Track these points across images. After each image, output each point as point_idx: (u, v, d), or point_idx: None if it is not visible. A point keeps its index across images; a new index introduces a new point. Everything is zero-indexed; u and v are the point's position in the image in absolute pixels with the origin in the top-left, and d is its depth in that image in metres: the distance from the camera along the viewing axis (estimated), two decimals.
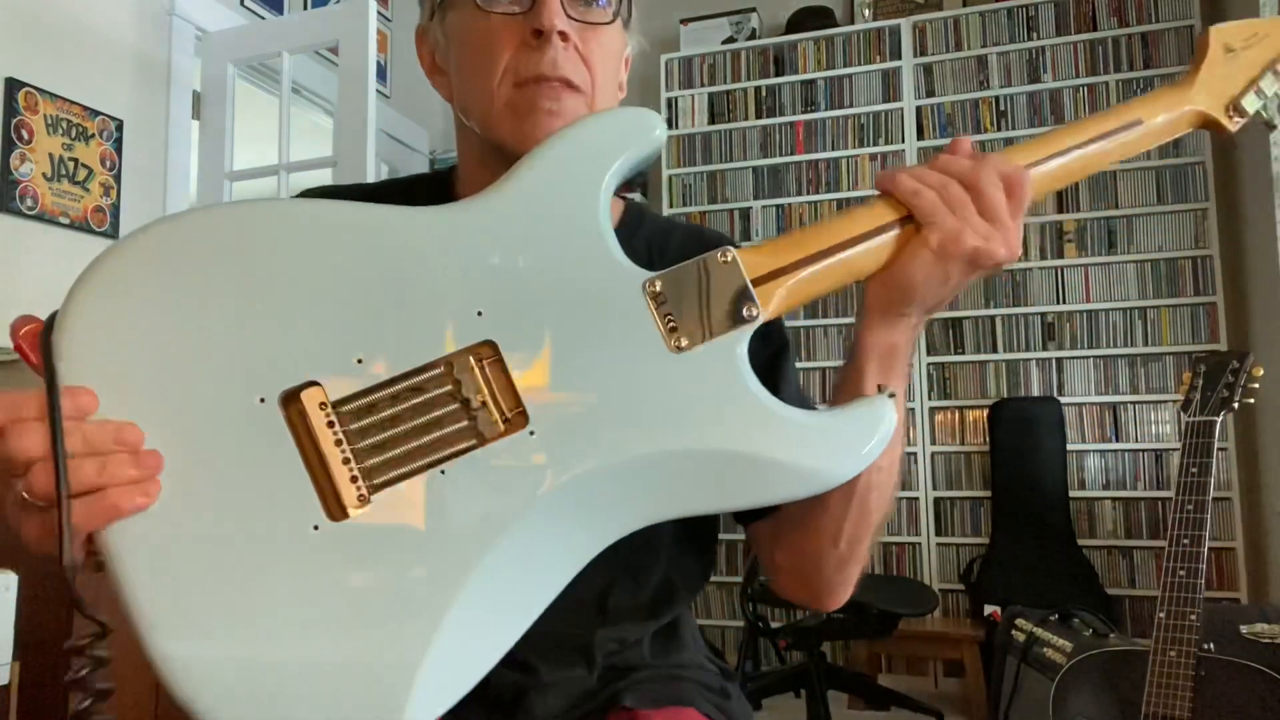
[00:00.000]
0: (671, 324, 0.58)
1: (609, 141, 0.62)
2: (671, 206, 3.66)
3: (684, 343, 0.58)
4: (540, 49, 0.71)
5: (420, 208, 0.60)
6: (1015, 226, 0.62)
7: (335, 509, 0.53)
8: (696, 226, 0.92)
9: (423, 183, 0.87)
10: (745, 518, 0.80)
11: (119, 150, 2.41)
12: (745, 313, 0.59)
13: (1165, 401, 3.05)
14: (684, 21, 3.78)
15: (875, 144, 3.47)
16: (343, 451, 0.54)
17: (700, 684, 0.78)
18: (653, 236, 0.86)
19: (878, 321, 0.66)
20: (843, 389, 0.68)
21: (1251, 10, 2.84)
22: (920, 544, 3.23)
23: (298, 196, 0.83)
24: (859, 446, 0.59)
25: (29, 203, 2.16)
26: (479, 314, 0.57)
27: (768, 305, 0.60)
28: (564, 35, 0.71)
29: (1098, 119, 0.68)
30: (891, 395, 0.61)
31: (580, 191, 0.61)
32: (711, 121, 3.68)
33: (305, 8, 3.12)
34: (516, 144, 0.72)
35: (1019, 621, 1.94)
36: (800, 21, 3.63)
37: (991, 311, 3.27)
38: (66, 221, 2.26)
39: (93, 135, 2.34)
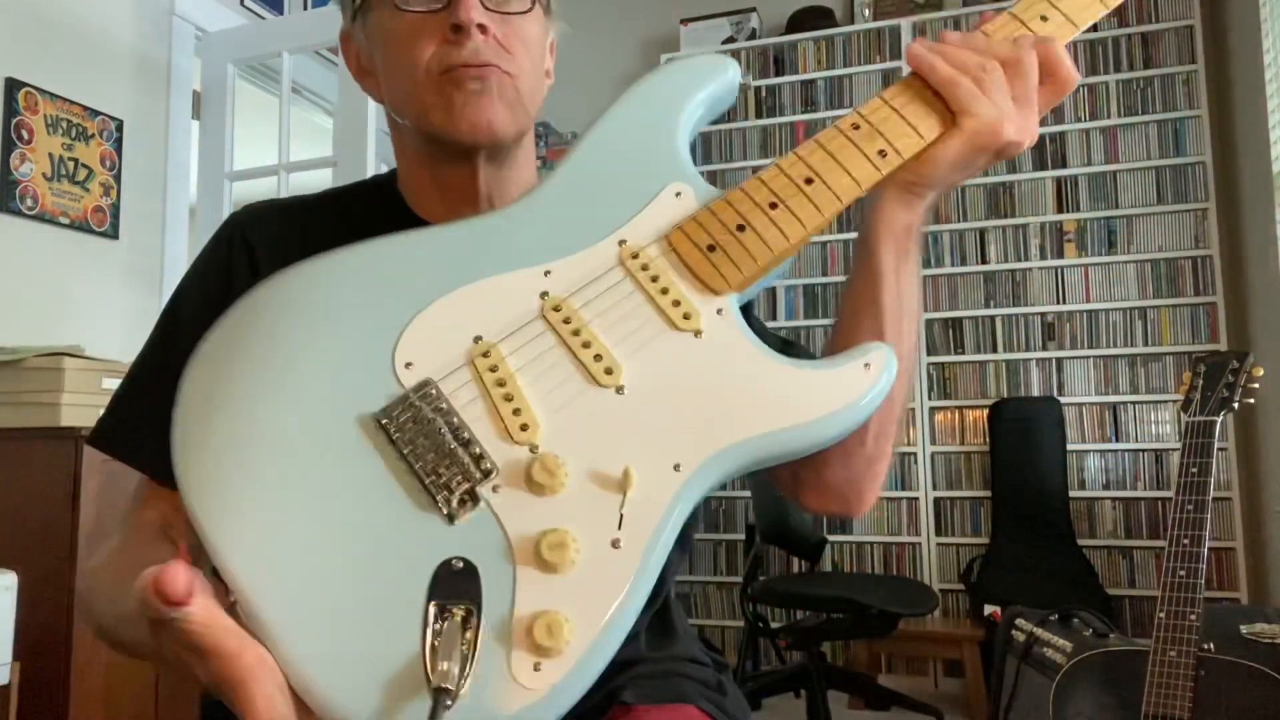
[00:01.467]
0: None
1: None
2: None
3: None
4: (459, 43, 0.71)
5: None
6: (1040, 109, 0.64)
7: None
8: None
9: (365, 190, 0.86)
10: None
11: (119, 150, 2.41)
12: None
13: (1165, 401, 3.05)
14: (684, 21, 3.78)
15: None
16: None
17: (697, 680, 0.79)
18: None
19: (894, 203, 0.66)
20: (861, 274, 0.69)
21: (1251, 11, 2.84)
22: (920, 544, 3.23)
23: (236, 215, 0.82)
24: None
25: (29, 203, 2.16)
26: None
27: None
28: (483, 27, 0.71)
29: None
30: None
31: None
32: (711, 121, 3.67)
33: (305, 8, 3.12)
34: (448, 126, 0.73)
35: (1019, 621, 1.94)
36: (800, 21, 3.63)
37: (991, 311, 3.27)
38: (66, 221, 2.26)
39: (93, 135, 2.34)
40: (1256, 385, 1.71)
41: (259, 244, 0.77)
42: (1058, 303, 3.20)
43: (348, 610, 0.48)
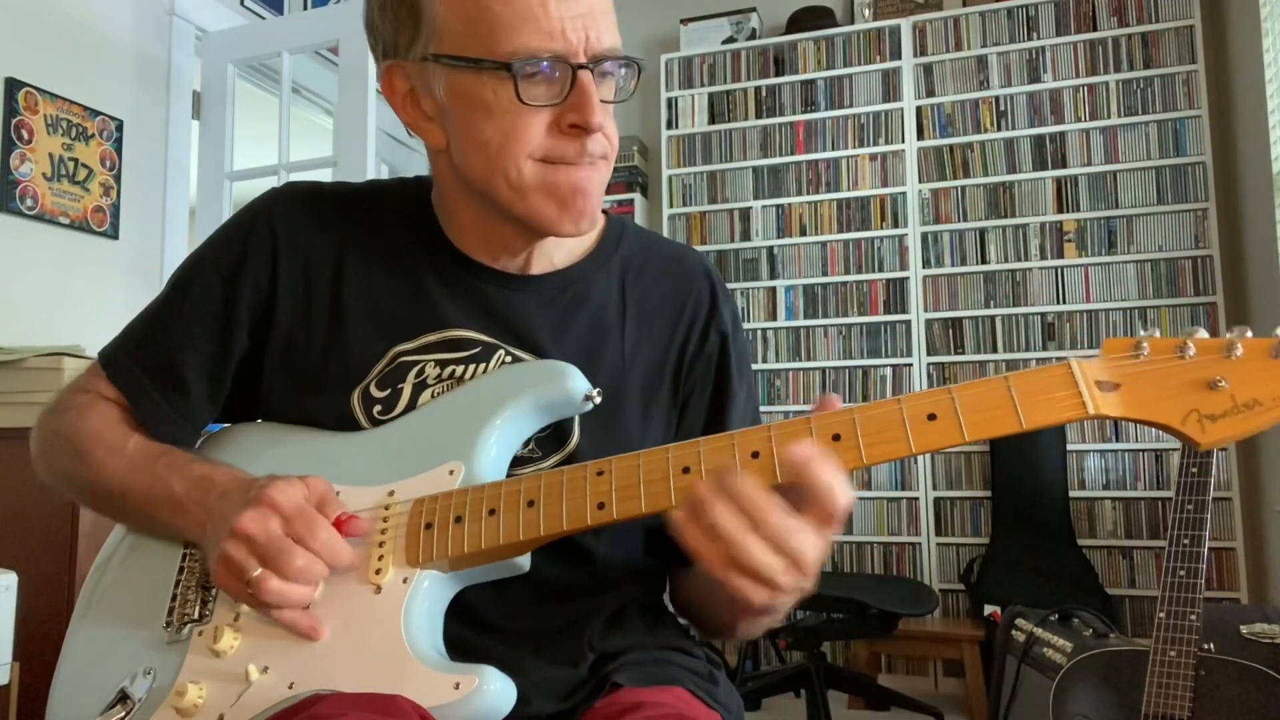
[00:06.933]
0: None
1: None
2: (671, 206, 3.66)
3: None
4: (576, 137, 0.71)
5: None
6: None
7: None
8: (678, 250, 0.89)
9: (398, 199, 0.86)
10: (671, 556, 0.83)
11: (119, 150, 2.41)
12: None
13: None
14: (684, 21, 3.78)
15: (875, 144, 3.47)
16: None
17: (688, 670, 0.79)
18: (630, 256, 0.85)
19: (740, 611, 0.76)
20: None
21: (1251, 11, 2.84)
22: (920, 544, 3.23)
23: (273, 199, 0.84)
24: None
25: (29, 203, 2.16)
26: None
27: None
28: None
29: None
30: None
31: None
32: (711, 121, 3.68)
33: (305, 8, 3.12)
34: (548, 221, 0.73)
35: (1019, 621, 1.94)
36: (800, 21, 3.63)
37: (991, 311, 3.27)
38: (66, 221, 2.26)
39: (93, 135, 2.34)
40: None
41: (281, 231, 0.80)
42: (1058, 303, 3.20)
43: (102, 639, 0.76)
